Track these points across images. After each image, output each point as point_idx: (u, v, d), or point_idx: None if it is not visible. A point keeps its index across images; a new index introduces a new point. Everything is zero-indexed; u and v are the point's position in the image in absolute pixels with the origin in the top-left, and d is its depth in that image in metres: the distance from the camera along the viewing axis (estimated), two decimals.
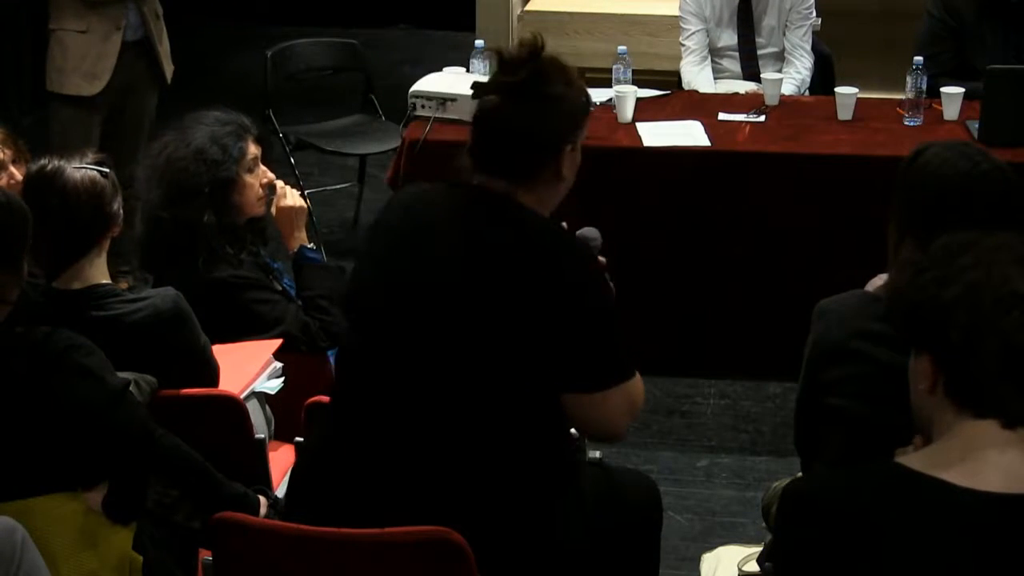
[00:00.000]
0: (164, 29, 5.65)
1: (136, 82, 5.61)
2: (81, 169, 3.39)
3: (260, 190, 4.09)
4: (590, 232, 3.27)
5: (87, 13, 5.43)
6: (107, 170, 3.44)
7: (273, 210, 4.17)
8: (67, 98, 5.50)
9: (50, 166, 3.40)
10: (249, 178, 4.05)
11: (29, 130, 6.31)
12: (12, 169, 4.03)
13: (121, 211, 3.48)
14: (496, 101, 2.82)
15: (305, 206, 4.26)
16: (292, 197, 4.20)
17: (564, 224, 2.94)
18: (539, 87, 2.82)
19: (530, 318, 2.70)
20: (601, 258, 3.07)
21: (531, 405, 2.74)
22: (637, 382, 2.86)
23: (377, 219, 2.99)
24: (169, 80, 5.70)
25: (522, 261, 2.73)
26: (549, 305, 2.70)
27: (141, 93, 5.66)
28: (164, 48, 5.65)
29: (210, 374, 3.52)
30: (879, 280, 2.86)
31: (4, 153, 4.07)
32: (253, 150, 4.08)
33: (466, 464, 2.72)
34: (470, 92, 2.89)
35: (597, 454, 3.20)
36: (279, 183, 4.20)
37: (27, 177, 3.53)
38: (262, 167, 4.11)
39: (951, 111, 5.29)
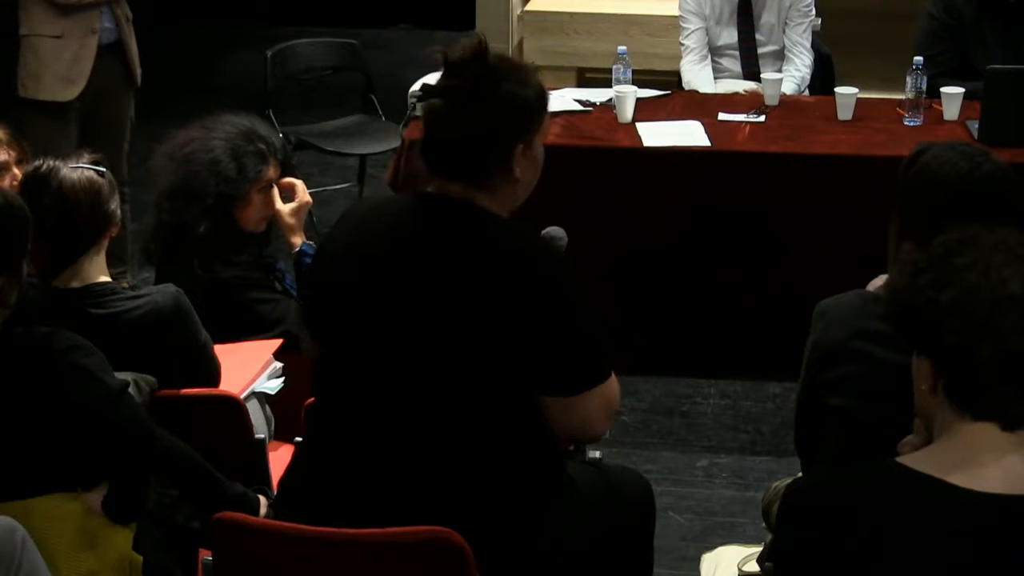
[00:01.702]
0: (132, 32, 5.61)
1: (112, 86, 5.56)
2: (78, 169, 3.39)
3: (265, 211, 4.07)
4: (555, 231, 3.20)
5: (61, 18, 5.36)
6: (103, 169, 3.44)
7: (287, 207, 4.13)
8: (41, 104, 5.41)
9: (45, 167, 3.39)
10: (258, 199, 4.04)
11: None
12: (15, 170, 4.02)
13: (119, 210, 3.48)
14: (439, 104, 2.79)
15: (310, 200, 4.25)
16: (304, 192, 4.18)
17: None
18: (481, 89, 2.77)
19: (502, 324, 2.67)
20: None
21: (512, 405, 2.72)
22: (612, 383, 2.82)
23: (332, 233, 2.93)
24: (139, 83, 5.68)
25: (491, 267, 2.69)
26: (521, 310, 2.67)
27: (117, 97, 5.60)
28: (134, 51, 5.63)
29: (211, 372, 3.52)
30: (879, 280, 2.86)
31: (8, 154, 4.07)
32: (271, 173, 4.06)
33: (451, 465, 2.71)
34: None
35: (597, 454, 3.20)
36: (297, 181, 4.18)
37: (23, 178, 3.53)
38: (273, 192, 4.09)
39: (951, 111, 5.29)
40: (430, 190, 2.83)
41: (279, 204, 4.12)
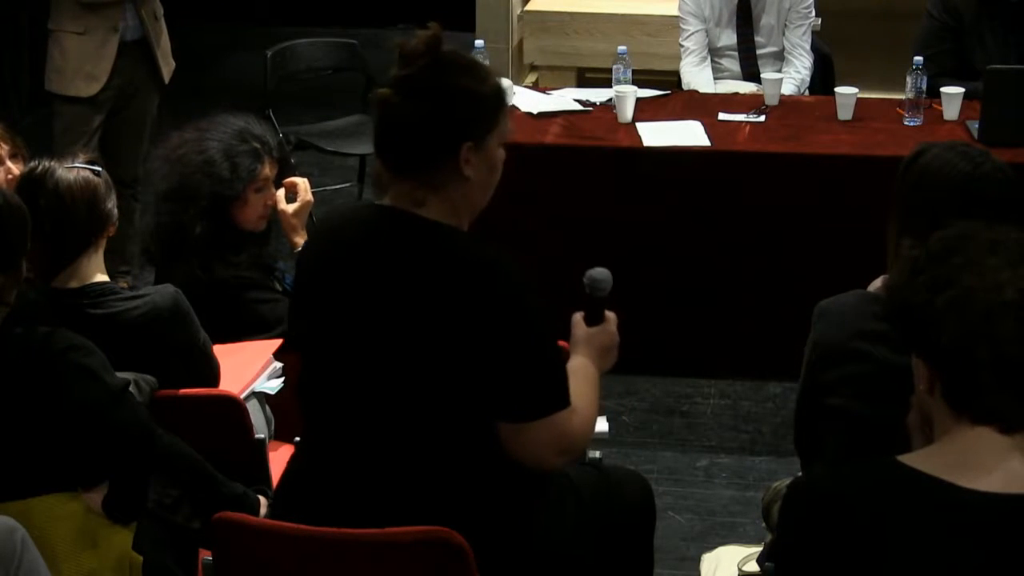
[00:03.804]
0: (164, 29, 5.65)
1: (137, 83, 5.61)
2: (74, 169, 3.39)
3: (263, 209, 4.07)
4: (599, 273, 2.89)
5: (84, 14, 5.43)
6: (99, 169, 3.44)
7: (292, 206, 4.12)
8: (67, 98, 5.51)
9: (41, 167, 3.40)
10: (255, 197, 4.03)
11: (29, 130, 6.31)
12: (9, 164, 4.01)
13: (115, 210, 3.48)
14: (388, 95, 2.72)
15: (312, 200, 4.24)
16: (307, 191, 4.17)
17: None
18: (432, 81, 2.69)
19: (453, 343, 2.63)
20: (609, 313, 2.88)
21: (480, 419, 2.68)
22: (569, 416, 2.69)
23: (306, 245, 2.94)
24: (167, 80, 5.70)
25: (443, 283, 2.65)
26: (471, 330, 2.62)
27: (142, 94, 5.66)
28: (164, 48, 5.65)
29: (211, 372, 3.52)
30: (879, 280, 2.86)
31: (2, 148, 4.06)
32: (267, 172, 4.05)
33: (443, 467, 2.70)
34: None
35: (597, 454, 3.20)
36: (300, 180, 4.17)
37: (19, 179, 3.53)
38: (272, 190, 4.08)
39: (951, 111, 5.29)
40: (387, 196, 2.77)
41: (283, 204, 4.11)
